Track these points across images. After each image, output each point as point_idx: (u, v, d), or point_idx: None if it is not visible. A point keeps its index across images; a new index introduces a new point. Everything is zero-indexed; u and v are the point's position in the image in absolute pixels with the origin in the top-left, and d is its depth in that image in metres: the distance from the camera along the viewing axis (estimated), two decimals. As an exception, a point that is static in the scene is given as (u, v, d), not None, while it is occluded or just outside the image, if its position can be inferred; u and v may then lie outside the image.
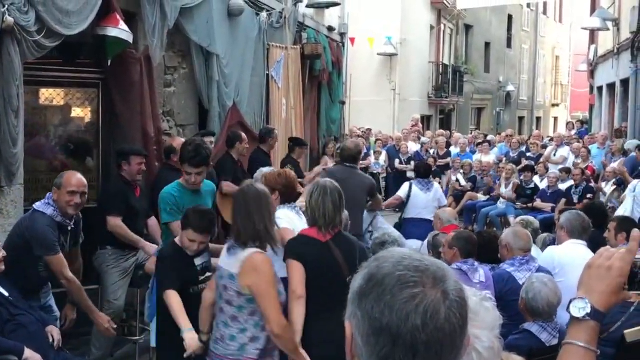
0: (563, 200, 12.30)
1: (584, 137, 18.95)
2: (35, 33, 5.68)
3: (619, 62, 19.74)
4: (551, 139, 18.52)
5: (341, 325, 1.51)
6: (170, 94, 8.82)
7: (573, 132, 21.81)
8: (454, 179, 15.18)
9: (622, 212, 9.55)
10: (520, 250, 5.79)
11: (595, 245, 3.56)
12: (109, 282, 6.70)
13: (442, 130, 21.58)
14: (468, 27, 32.18)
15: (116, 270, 6.74)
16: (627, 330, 2.86)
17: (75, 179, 5.54)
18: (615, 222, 6.53)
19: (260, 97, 11.65)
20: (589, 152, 15.42)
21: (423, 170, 10.52)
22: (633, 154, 12.57)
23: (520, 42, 38.24)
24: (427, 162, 15.97)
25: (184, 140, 7.84)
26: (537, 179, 13.85)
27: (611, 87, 21.70)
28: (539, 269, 5.57)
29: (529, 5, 37.16)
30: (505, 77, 35.73)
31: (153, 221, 7.08)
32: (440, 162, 16.57)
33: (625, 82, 19.09)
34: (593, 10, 23.69)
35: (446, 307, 1.40)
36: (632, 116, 17.82)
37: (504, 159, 16.55)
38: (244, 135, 9.24)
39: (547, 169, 14.22)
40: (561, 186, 12.99)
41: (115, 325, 5.98)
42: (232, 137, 9.12)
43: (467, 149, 17.70)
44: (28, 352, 4.59)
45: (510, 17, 36.24)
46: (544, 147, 17.39)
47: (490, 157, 16.37)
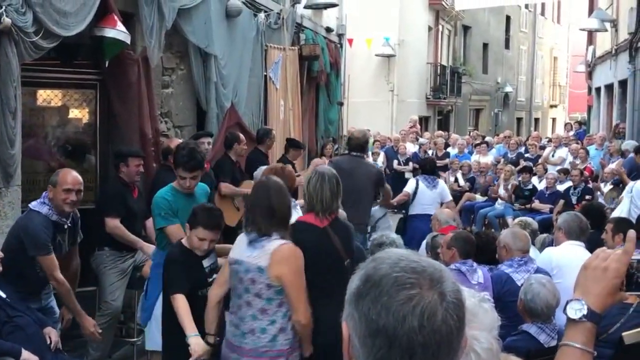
0: (561, 202, 12.28)
1: (583, 138, 18.95)
2: (33, 34, 5.67)
3: (617, 63, 19.75)
4: (549, 140, 18.50)
5: (341, 311, 1.52)
6: (168, 95, 8.81)
7: (571, 133, 21.82)
8: (452, 179, 15.17)
9: (618, 213, 9.53)
10: (519, 251, 5.78)
11: (594, 247, 3.55)
12: (106, 283, 6.70)
13: (440, 131, 21.57)
14: (466, 28, 32.19)
15: (114, 272, 6.74)
16: (625, 332, 2.87)
17: (71, 176, 5.52)
18: (612, 223, 6.52)
19: (258, 98, 11.64)
20: (588, 153, 15.42)
21: (429, 167, 10.58)
22: (631, 155, 12.56)
23: (518, 43, 38.26)
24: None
25: (181, 142, 7.87)
26: (535, 179, 13.85)
27: (609, 88, 21.71)
28: (537, 270, 5.57)
29: (527, 6, 37.22)
30: (503, 78, 35.74)
31: (151, 222, 7.05)
32: (439, 163, 16.52)
33: (623, 83, 19.10)
34: (591, 11, 23.70)
35: (443, 308, 1.40)
36: (630, 117, 17.82)
37: (502, 160, 16.55)
38: (242, 136, 9.24)
39: (545, 169, 14.22)
40: (559, 187, 12.98)
41: (101, 330, 5.94)
42: (230, 138, 9.12)
43: (465, 150, 17.70)
44: (25, 354, 4.58)
45: (508, 18, 36.26)
46: (542, 148, 17.39)
47: (488, 158, 16.35)
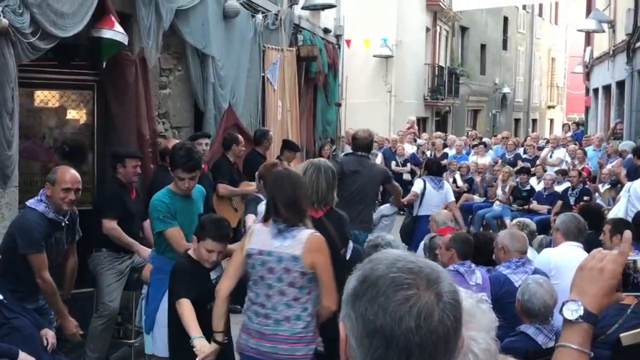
0: (559, 202, 12.28)
1: (580, 139, 18.96)
2: (30, 35, 5.65)
3: (615, 64, 19.76)
4: (547, 141, 18.50)
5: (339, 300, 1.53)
6: (165, 96, 8.80)
7: (569, 134, 21.82)
8: (450, 180, 15.16)
9: (614, 212, 9.54)
10: (517, 252, 5.78)
11: (592, 247, 3.54)
12: (104, 285, 6.66)
13: (439, 132, 21.59)
14: (464, 29, 32.22)
15: (111, 273, 6.71)
16: (623, 334, 2.86)
17: (69, 174, 5.49)
18: (610, 224, 6.51)
19: (256, 99, 11.64)
20: (585, 153, 15.43)
21: (435, 168, 10.62)
22: (630, 156, 12.56)
23: (516, 44, 38.30)
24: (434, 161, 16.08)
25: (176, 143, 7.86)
26: (534, 180, 13.86)
27: (607, 89, 21.72)
28: (535, 271, 5.56)
29: (524, 7, 37.27)
30: (501, 79, 35.77)
31: (149, 223, 7.04)
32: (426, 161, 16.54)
33: (620, 84, 19.11)
34: (588, 12, 23.71)
35: (440, 309, 1.40)
36: (628, 118, 17.83)
37: (500, 161, 16.55)
38: (240, 137, 9.24)
39: (545, 170, 14.22)
40: (557, 188, 12.98)
41: (82, 332, 5.90)
42: (228, 139, 9.12)
43: (463, 151, 17.70)
44: (23, 355, 4.57)
45: (505, 19, 36.29)
46: (540, 149, 17.39)
47: (486, 159, 16.36)
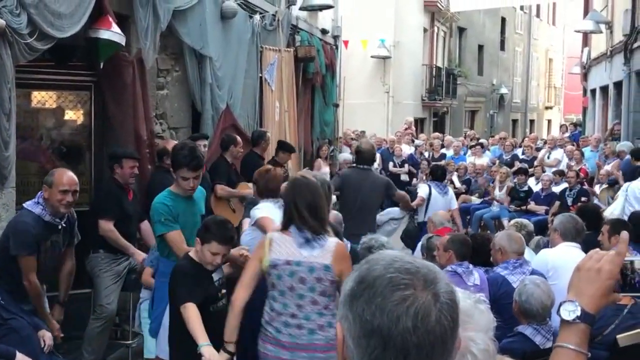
0: (557, 203, 12.29)
1: (578, 140, 18.98)
2: (27, 35, 5.64)
3: (612, 64, 19.78)
4: (545, 142, 18.52)
5: None
6: (163, 96, 8.79)
7: (566, 135, 21.83)
8: (447, 181, 15.17)
9: (610, 211, 9.55)
10: (514, 254, 5.78)
11: (589, 248, 3.55)
12: (101, 286, 6.65)
13: (437, 133, 21.59)
14: (461, 30, 32.25)
15: (109, 274, 6.69)
16: (619, 335, 2.86)
17: (67, 177, 5.49)
18: (608, 224, 6.51)
19: (254, 100, 11.63)
20: (582, 154, 15.44)
21: (440, 173, 10.78)
22: (628, 157, 12.57)
23: (514, 45, 38.34)
24: (421, 164, 16.11)
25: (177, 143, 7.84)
26: (532, 181, 13.86)
27: (604, 89, 21.74)
28: (533, 272, 5.56)
29: (522, 8, 37.31)
30: (499, 80, 35.80)
31: (146, 225, 7.03)
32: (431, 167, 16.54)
33: (618, 85, 19.13)
34: (586, 13, 23.74)
35: (437, 309, 1.40)
36: (625, 119, 17.85)
37: (497, 161, 16.56)
38: (238, 138, 9.23)
39: (544, 171, 14.24)
40: (555, 189, 12.98)
41: (62, 335, 5.85)
42: (226, 140, 9.11)
43: (461, 152, 17.70)
44: (20, 356, 4.56)
45: (503, 20, 36.33)
46: (539, 149, 17.39)
47: (483, 160, 16.37)
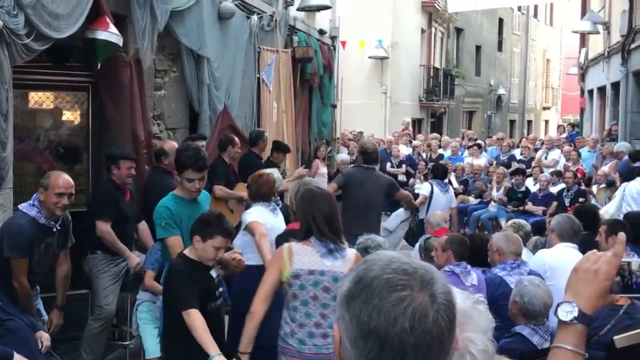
0: (554, 204, 12.29)
1: (575, 140, 19.00)
2: (25, 36, 5.63)
3: (610, 65, 19.80)
4: (542, 143, 18.52)
5: None
6: (160, 97, 8.78)
7: (563, 136, 21.85)
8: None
9: (604, 210, 9.56)
10: (511, 254, 5.77)
11: (587, 248, 3.55)
12: (99, 287, 6.63)
13: (436, 134, 21.59)
14: (459, 31, 32.25)
15: (107, 275, 6.67)
16: (616, 336, 2.87)
17: (62, 179, 5.48)
18: (605, 225, 6.51)
19: (251, 101, 11.62)
20: (579, 155, 15.45)
21: (441, 172, 10.97)
22: (626, 157, 12.57)
23: (511, 46, 38.34)
24: (419, 164, 16.12)
25: (174, 143, 7.83)
26: (530, 181, 13.87)
27: (602, 90, 21.76)
28: (530, 273, 5.56)
29: (519, 9, 37.33)
30: (496, 81, 35.81)
31: (143, 225, 7.03)
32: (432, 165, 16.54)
33: (615, 86, 19.16)
34: (583, 13, 23.76)
35: (434, 310, 1.40)
36: (623, 119, 17.87)
37: (495, 162, 16.56)
38: (236, 139, 9.22)
39: (541, 171, 14.24)
40: (552, 189, 12.98)
41: (60, 334, 5.87)
42: (224, 140, 9.10)
43: (459, 153, 17.70)
44: (17, 357, 4.56)
45: (501, 21, 36.33)
46: (536, 150, 17.39)
47: (481, 161, 16.37)
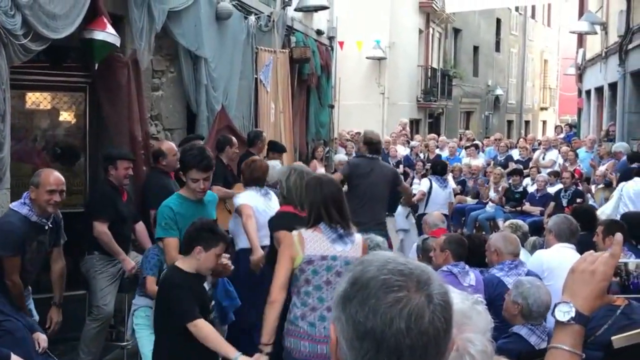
0: (552, 204, 12.30)
1: (571, 140, 19.02)
2: (22, 37, 5.62)
3: (607, 65, 19.80)
4: (539, 143, 18.53)
5: None
6: (158, 97, 8.78)
7: (560, 136, 21.86)
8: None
9: (601, 210, 9.56)
10: (509, 255, 5.77)
11: (584, 249, 3.56)
12: (97, 288, 6.62)
13: (434, 134, 21.59)
14: (457, 31, 32.27)
15: (104, 276, 6.66)
16: (614, 337, 2.86)
17: (53, 176, 5.48)
18: (602, 225, 6.50)
19: (249, 101, 11.62)
20: (577, 155, 15.45)
21: (440, 168, 11.37)
22: (624, 158, 12.57)
23: (509, 46, 38.37)
24: (416, 165, 16.12)
25: (172, 144, 7.83)
26: (528, 182, 13.86)
27: (599, 90, 21.75)
28: (528, 274, 5.56)
29: (517, 9, 37.36)
30: (494, 81, 35.84)
31: (141, 226, 7.02)
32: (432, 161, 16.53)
33: (613, 86, 19.16)
34: (581, 14, 23.74)
35: (430, 310, 1.40)
36: (620, 119, 17.88)
37: (492, 162, 16.56)
38: (234, 139, 9.20)
39: (539, 171, 14.24)
40: (550, 190, 12.98)
41: (58, 332, 5.87)
42: (222, 141, 9.08)
43: (457, 153, 17.70)
44: (14, 358, 4.55)
45: (498, 21, 36.35)
46: (535, 150, 17.39)
47: (479, 161, 16.37)
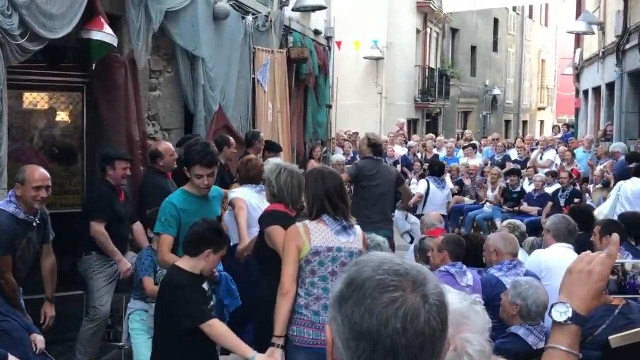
0: (550, 204, 12.31)
1: (569, 140, 19.02)
2: (19, 37, 5.61)
3: (605, 65, 19.82)
4: (537, 143, 18.54)
5: None
6: (155, 97, 8.76)
7: (558, 136, 21.87)
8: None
9: (599, 210, 9.56)
10: (509, 255, 5.77)
11: (582, 249, 3.56)
12: (94, 288, 6.62)
13: (432, 134, 21.60)
14: (454, 31, 32.28)
15: (102, 276, 6.66)
16: (612, 337, 2.87)
17: (39, 173, 5.48)
18: (600, 225, 6.51)
19: (247, 101, 11.61)
20: (574, 155, 15.46)
21: (437, 169, 11.52)
22: (622, 158, 12.57)
23: (507, 46, 38.40)
24: (414, 165, 16.12)
25: (169, 145, 7.82)
26: (526, 182, 13.87)
27: (597, 90, 21.78)
28: (527, 274, 5.56)
29: (515, 9, 37.38)
30: (492, 81, 35.85)
31: (138, 226, 7.01)
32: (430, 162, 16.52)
33: (610, 86, 19.17)
34: (578, 14, 23.79)
35: (426, 311, 1.40)
36: (618, 120, 17.89)
37: (489, 162, 16.57)
38: (231, 139, 9.19)
39: (537, 172, 14.24)
40: (548, 190, 12.99)
41: (54, 327, 5.88)
42: (220, 141, 9.07)
43: (455, 153, 17.70)
44: (12, 359, 4.55)
45: (496, 21, 36.39)
46: (533, 150, 17.38)
47: (477, 161, 16.38)
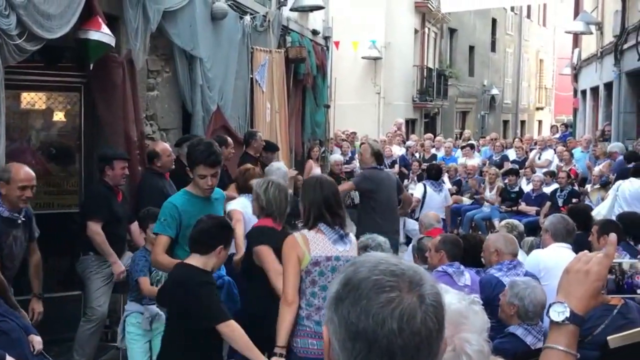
0: (548, 204, 12.32)
1: (567, 140, 19.04)
2: (17, 37, 5.59)
3: (602, 65, 19.84)
4: (535, 143, 18.56)
5: None
6: (153, 97, 8.76)
7: (556, 136, 21.89)
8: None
9: (597, 210, 9.56)
10: (509, 255, 5.76)
11: (580, 248, 3.56)
12: (92, 289, 6.62)
13: (430, 134, 21.61)
14: (452, 31, 32.30)
15: (99, 277, 6.65)
16: (610, 337, 2.87)
17: (24, 172, 5.47)
18: (597, 225, 6.51)
19: (244, 101, 11.60)
20: (572, 155, 15.47)
21: (434, 172, 11.34)
22: (621, 158, 12.58)
23: (504, 46, 38.42)
24: (412, 165, 16.13)
25: (166, 145, 7.81)
26: (524, 182, 13.88)
27: (595, 90, 21.79)
28: (526, 274, 5.55)
29: (512, 9, 37.42)
30: (490, 81, 35.87)
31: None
32: (424, 166, 16.52)
33: (608, 86, 19.18)
34: (576, 14, 23.80)
35: (422, 311, 1.40)
36: (616, 119, 17.91)
37: (487, 162, 16.58)
38: (229, 139, 9.17)
39: (534, 171, 14.25)
40: (546, 189, 13.01)
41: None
42: (218, 141, 8.97)
43: (453, 153, 17.70)
44: (9, 359, 4.54)
45: (494, 21, 36.41)
46: (532, 150, 17.39)
47: (475, 161, 16.38)
